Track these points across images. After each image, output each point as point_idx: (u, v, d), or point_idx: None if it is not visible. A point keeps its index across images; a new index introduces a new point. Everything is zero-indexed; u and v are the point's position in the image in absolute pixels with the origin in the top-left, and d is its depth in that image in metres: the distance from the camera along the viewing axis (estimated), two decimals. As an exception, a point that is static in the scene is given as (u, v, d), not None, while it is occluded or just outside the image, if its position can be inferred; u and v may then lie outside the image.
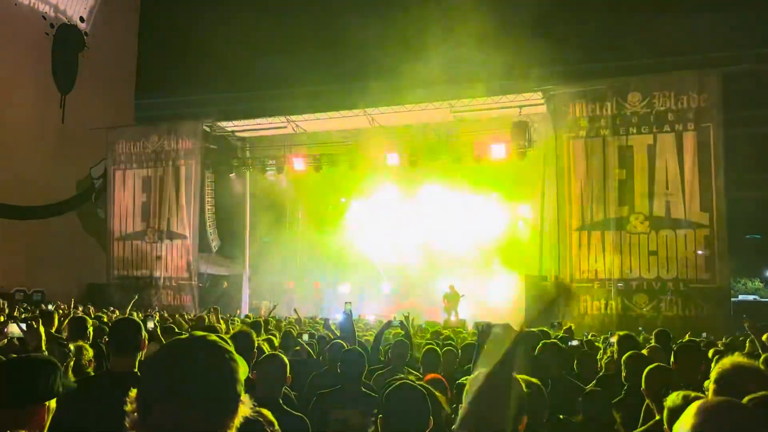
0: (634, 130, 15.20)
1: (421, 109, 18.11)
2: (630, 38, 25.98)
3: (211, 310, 9.42)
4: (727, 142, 14.88)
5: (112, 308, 13.26)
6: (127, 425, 1.34)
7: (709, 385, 2.40)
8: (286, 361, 3.68)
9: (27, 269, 18.58)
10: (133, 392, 1.38)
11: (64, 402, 2.18)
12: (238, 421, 1.38)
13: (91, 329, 5.33)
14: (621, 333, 5.51)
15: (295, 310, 12.69)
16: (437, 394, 3.09)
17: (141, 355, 3.04)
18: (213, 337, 1.45)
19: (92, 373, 3.78)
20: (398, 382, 2.57)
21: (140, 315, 9.27)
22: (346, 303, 7.79)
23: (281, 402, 3.41)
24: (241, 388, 1.40)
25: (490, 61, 24.22)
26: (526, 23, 22.00)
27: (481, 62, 24.36)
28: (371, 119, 18.92)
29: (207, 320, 8.52)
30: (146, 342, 3.13)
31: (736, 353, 2.77)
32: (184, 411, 1.32)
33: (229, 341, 1.65)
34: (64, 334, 4.83)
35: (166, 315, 12.22)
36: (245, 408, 1.39)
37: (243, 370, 1.43)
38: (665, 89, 15.08)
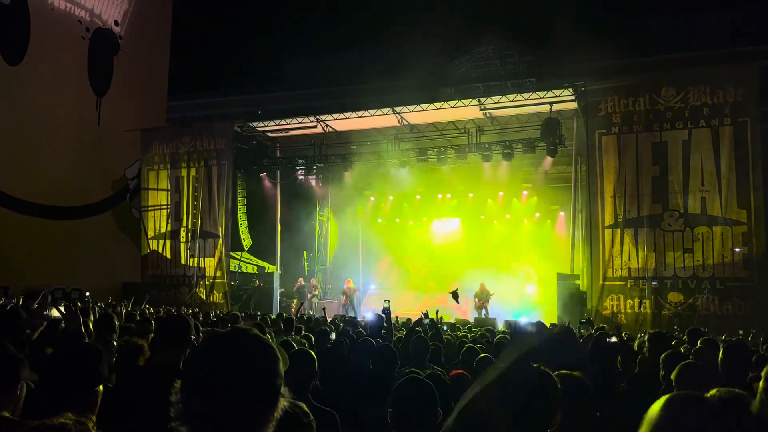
0: (668, 126, 14.91)
1: (450, 107, 18.01)
2: (663, 32, 25.49)
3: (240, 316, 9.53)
4: (765, 137, 14.52)
5: (146, 305, 13.51)
6: (172, 415, 1.38)
7: (760, 383, 2.35)
8: (314, 356, 3.74)
9: (65, 268, 19.00)
10: (178, 383, 1.42)
11: (116, 392, 2.26)
12: (278, 412, 1.41)
13: (117, 325, 5.49)
14: (652, 331, 5.43)
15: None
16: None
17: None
18: (254, 330, 1.48)
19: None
20: (406, 377, 2.60)
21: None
22: (385, 301, 7.84)
23: (310, 397, 3.46)
24: (281, 381, 1.43)
25: (520, 57, 24.06)
26: (557, 19, 21.78)
27: (511, 59, 24.23)
28: (400, 118, 18.90)
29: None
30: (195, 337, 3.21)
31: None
32: (226, 402, 1.35)
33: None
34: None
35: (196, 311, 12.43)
36: (284, 400, 1.42)
37: (283, 362, 1.46)
38: (700, 84, 14.75)
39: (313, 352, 3.80)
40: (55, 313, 3.98)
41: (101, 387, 2.23)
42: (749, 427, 1.94)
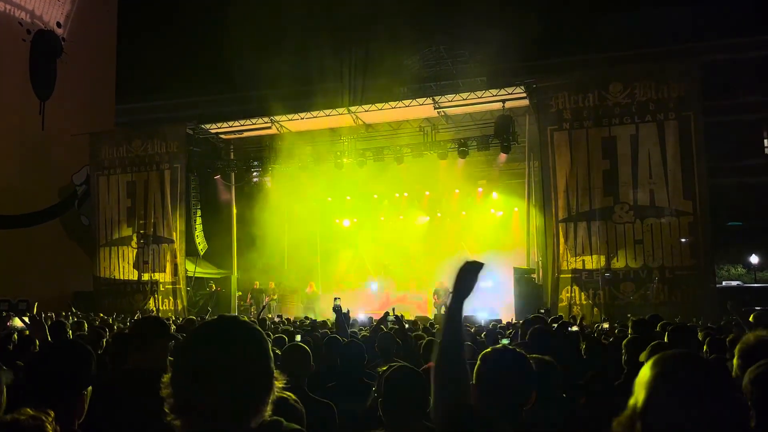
0: (617, 121, 15.34)
1: (405, 106, 18.11)
2: (610, 30, 26.25)
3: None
4: (707, 131, 15.10)
5: (102, 314, 13.13)
6: (166, 410, 1.36)
7: (734, 360, 2.47)
8: (309, 351, 3.77)
9: (11, 279, 18.26)
10: (166, 378, 1.40)
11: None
12: (273, 396, 1.40)
13: (70, 332, 5.34)
14: (635, 318, 5.55)
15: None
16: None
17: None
18: (241, 316, 1.47)
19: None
20: (395, 365, 2.68)
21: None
22: (335, 299, 7.89)
23: (307, 390, 3.50)
24: (273, 365, 1.42)
25: (470, 56, 24.38)
26: (508, 18, 22.15)
27: (462, 58, 24.53)
28: (355, 117, 18.90)
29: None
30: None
31: (758, 329, 2.82)
32: (221, 390, 1.34)
33: None
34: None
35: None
36: (279, 384, 1.42)
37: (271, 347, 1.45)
38: (646, 79, 15.23)
39: (307, 347, 3.84)
40: (18, 322, 3.82)
41: (90, 389, 2.15)
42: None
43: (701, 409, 1.36)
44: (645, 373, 1.48)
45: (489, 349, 2.39)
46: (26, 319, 3.65)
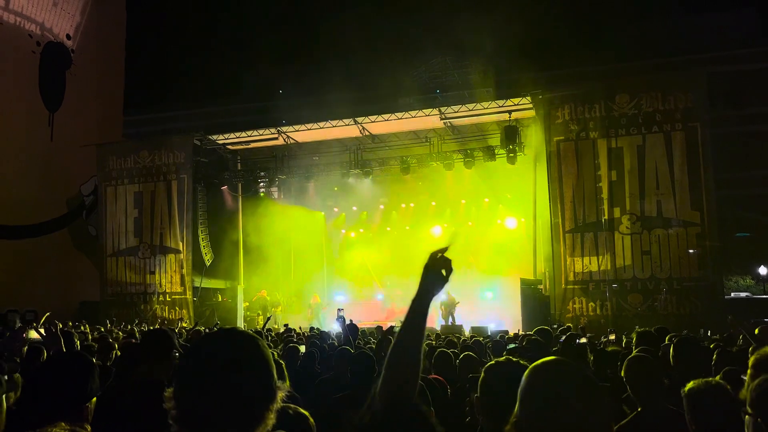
0: (623, 131, 15.33)
1: (411, 117, 18.15)
2: (617, 41, 26.29)
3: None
4: (713, 141, 15.06)
5: (108, 323, 13.14)
6: (170, 421, 1.36)
7: (748, 371, 2.44)
8: (282, 363, 3.75)
9: (19, 289, 18.36)
10: (169, 391, 1.40)
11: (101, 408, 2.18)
12: (276, 404, 1.41)
13: (78, 343, 5.35)
14: (640, 329, 5.49)
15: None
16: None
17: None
18: (243, 328, 1.48)
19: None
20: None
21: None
22: (339, 309, 7.90)
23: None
24: (275, 375, 1.43)
25: (476, 67, 24.46)
26: (513, 30, 22.24)
27: (468, 69, 24.60)
28: (362, 128, 18.96)
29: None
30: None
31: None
32: (224, 401, 1.34)
33: None
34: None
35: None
36: (282, 393, 1.42)
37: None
38: (652, 90, 15.23)
39: (279, 359, 3.82)
40: (33, 334, 3.85)
41: (94, 400, 2.15)
42: (733, 412, 2.00)
43: (569, 414, 1.42)
44: (522, 383, 1.54)
45: (493, 362, 2.37)
46: (42, 331, 3.66)
